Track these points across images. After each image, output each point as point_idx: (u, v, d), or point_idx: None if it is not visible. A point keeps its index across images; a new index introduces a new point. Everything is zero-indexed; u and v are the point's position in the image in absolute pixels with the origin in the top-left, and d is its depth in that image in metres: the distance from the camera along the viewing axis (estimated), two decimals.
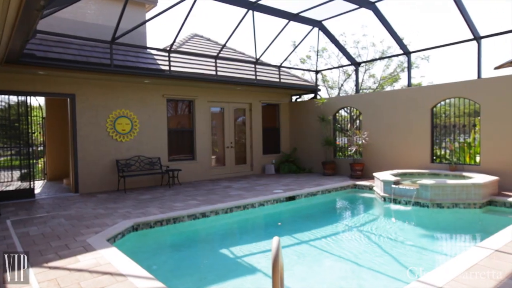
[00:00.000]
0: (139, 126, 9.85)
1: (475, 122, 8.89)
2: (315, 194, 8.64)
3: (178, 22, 10.01)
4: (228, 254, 5.25)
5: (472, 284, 3.17)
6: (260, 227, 7.17)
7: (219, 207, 6.94)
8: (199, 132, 11.12)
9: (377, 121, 10.52)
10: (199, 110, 11.11)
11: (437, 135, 9.44)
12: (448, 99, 9.16)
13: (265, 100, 12.79)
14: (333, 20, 10.79)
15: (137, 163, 9.69)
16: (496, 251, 4.02)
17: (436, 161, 9.34)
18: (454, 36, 15.56)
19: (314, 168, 12.32)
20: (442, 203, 6.99)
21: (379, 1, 9.25)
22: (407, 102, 9.78)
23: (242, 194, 8.26)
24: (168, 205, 7.17)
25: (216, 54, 10.75)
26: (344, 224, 7.05)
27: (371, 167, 10.41)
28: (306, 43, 24.38)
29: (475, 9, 18.62)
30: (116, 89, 9.49)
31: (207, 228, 6.59)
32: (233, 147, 12.10)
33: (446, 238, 5.97)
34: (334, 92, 21.77)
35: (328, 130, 11.85)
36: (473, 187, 6.93)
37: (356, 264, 4.71)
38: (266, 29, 12.87)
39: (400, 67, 20.12)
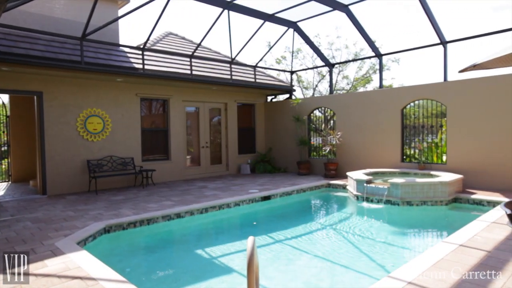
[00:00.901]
0: (111, 125, 9.59)
1: (442, 123, 9.29)
2: (290, 194, 8.73)
3: (152, 19, 9.81)
4: (204, 254, 5.21)
5: (438, 278, 3.30)
6: (235, 227, 7.16)
7: (194, 208, 6.87)
8: (174, 132, 10.96)
9: (350, 122, 10.76)
10: (173, 109, 10.96)
11: (407, 135, 9.78)
12: (417, 101, 9.51)
13: (240, 100, 12.79)
14: (308, 21, 10.94)
15: (109, 163, 9.43)
16: (460, 245, 4.22)
17: (406, 161, 9.68)
18: (423, 40, 16.22)
19: (289, 168, 12.45)
20: (412, 201, 7.25)
21: (352, 4, 9.47)
22: (379, 103, 10.07)
23: (217, 194, 8.22)
24: (142, 206, 7.03)
25: (191, 53, 10.64)
26: (319, 222, 7.16)
27: (344, 167, 10.64)
28: (282, 43, 24.63)
29: (442, 15, 19.43)
30: (87, 87, 9.19)
31: (182, 229, 6.51)
32: (209, 147, 12.02)
33: (415, 235, 6.20)
34: (309, 93, 22.08)
35: (303, 130, 12.00)
36: (440, 185, 7.24)
37: (330, 262, 4.80)
38: (242, 29, 12.88)
39: (372, 69, 20.69)
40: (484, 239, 4.43)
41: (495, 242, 4.33)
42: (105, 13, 9.86)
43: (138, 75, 9.13)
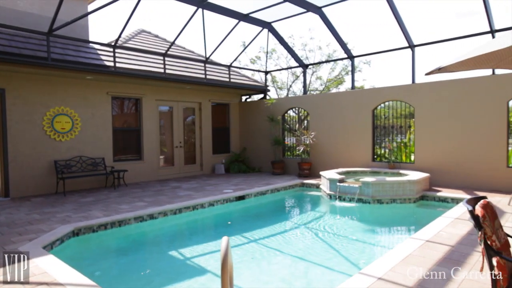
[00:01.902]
0: (80, 124, 9.27)
1: (410, 123, 9.64)
2: (265, 193, 8.78)
3: (123, 16, 9.54)
4: (177, 256, 5.15)
5: (406, 273, 3.43)
6: (210, 228, 7.11)
7: (168, 208, 6.77)
8: (147, 132, 10.74)
9: (323, 122, 10.96)
10: (146, 108, 10.73)
11: (377, 135, 10.07)
12: (387, 102, 9.82)
13: (215, 100, 12.71)
14: (282, 22, 11.04)
15: (78, 163, 9.11)
16: (427, 241, 4.40)
17: (377, 160, 9.97)
18: (393, 43, 16.79)
19: (264, 168, 12.51)
20: (382, 199, 7.48)
21: (326, 6, 9.64)
22: (351, 104, 10.31)
23: (191, 194, 8.13)
24: (113, 207, 6.84)
25: (164, 51, 10.46)
26: (293, 222, 7.24)
27: (318, 166, 10.82)
28: (256, 43, 24.68)
29: (410, 20, 20.17)
30: (54, 85, 8.83)
31: (155, 230, 6.39)
32: (182, 146, 11.87)
33: (385, 232, 6.40)
34: (283, 93, 22.28)
35: (277, 130, 12.10)
36: (408, 184, 7.51)
37: (304, 260, 4.86)
38: (217, 29, 12.80)
39: (344, 70, 21.14)
40: (448, 235, 4.65)
41: (458, 237, 4.55)
42: (73, 8, 9.51)
43: (109, 73, 8.88)
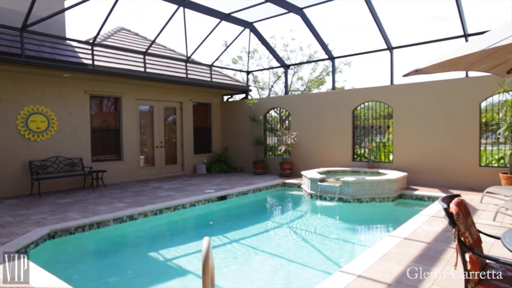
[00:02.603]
0: (57, 124, 9.01)
1: (389, 124, 9.86)
2: (246, 193, 8.78)
3: (102, 13, 9.33)
4: (158, 257, 5.08)
5: (385, 270, 3.51)
6: (191, 228, 7.06)
7: (148, 209, 6.67)
8: (127, 131, 10.55)
9: (304, 122, 11.06)
10: (126, 108, 10.54)
11: (357, 135, 10.26)
12: (367, 102, 10.01)
13: (196, 99, 12.62)
14: (264, 22, 11.07)
15: (54, 164, 8.85)
16: (404, 239, 4.52)
17: (357, 160, 10.15)
18: (373, 45, 17.15)
19: (245, 168, 12.51)
20: (362, 198, 7.62)
21: (307, 7, 9.74)
22: (332, 104, 10.45)
23: (172, 194, 8.04)
24: (91, 208, 6.68)
25: (145, 50, 10.31)
26: (274, 221, 7.28)
27: (299, 166, 10.91)
28: (238, 43, 24.64)
29: (389, 23, 20.64)
30: (28, 83, 8.55)
31: (135, 232, 6.29)
32: (163, 146, 11.72)
33: (365, 230, 6.53)
34: (265, 93, 22.35)
35: (259, 130, 12.12)
36: (387, 183, 7.68)
37: (286, 259, 4.90)
38: (198, 28, 12.71)
39: (325, 71, 21.41)
40: (425, 232, 4.79)
41: (434, 234, 4.69)
42: (49, 3, 9.24)
43: (87, 71, 8.67)
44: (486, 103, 8.10)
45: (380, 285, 3.19)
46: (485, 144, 8.33)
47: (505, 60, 3.08)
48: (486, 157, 8.52)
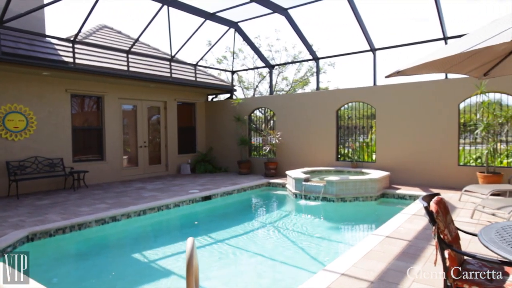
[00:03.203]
0: (36, 123, 8.77)
1: (372, 124, 10.03)
2: (231, 193, 8.77)
3: (84, 10, 9.07)
4: (141, 258, 5.02)
5: (367, 268, 3.57)
6: (175, 229, 7.00)
7: (131, 210, 6.57)
8: (109, 131, 10.37)
9: (289, 122, 11.12)
10: (109, 107, 10.36)
11: (341, 135, 10.38)
12: (351, 103, 10.15)
13: (180, 99, 12.51)
14: (248, 22, 11.07)
15: (33, 164, 8.61)
16: (387, 237, 4.60)
17: (341, 159, 10.27)
18: (357, 46, 17.40)
19: (230, 168, 12.48)
20: (345, 197, 7.72)
21: (292, 8, 9.79)
22: (316, 104, 10.55)
23: (156, 195, 7.95)
24: (72, 210, 6.54)
25: (128, 48, 10.16)
26: (259, 221, 7.29)
27: (284, 166, 10.96)
28: (223, 43, 24.54)
29: (372, 25, 20.97)
30: (5, 81, 8.29)
31: (118, 233, 6.18)
32: (147, 146, 11.58)
33: (348, 229, 6.62)
34: (250, 93, 22.35)
35: (243, 130, 12.12)
36: (370, 182, 7.81)
37: (270, 259, 4.92)
38: (183, 27, 12.61)
39: (310, 71, 21.58)
40: (406, 230, 4.89)
41: (415, 232, 4.80)
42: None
43: (68, 70, 8.47)
44: (464, 104, 8.34)
45: (363, 283, 3.24)
46: (463, 144, 8.58)
47: (482, 63, 3.18)
48: (465, 156, 8.76)
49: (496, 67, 3.19)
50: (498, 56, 3.09)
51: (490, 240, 2.07)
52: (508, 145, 8.17)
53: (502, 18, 2.42)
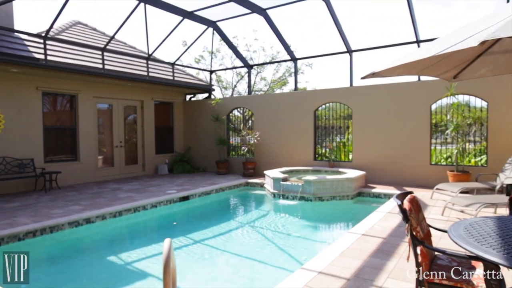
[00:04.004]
0: (3, 122, 8.40)
1: (349, 124, 10.23)
2: (209, 193, 8.72)
3: (56, 5, 8.72)
4: (117, 261, 4.91)
5: (344, 265, 3.64)
6: (152, 230, 6.89)
7: (107, 211, 6.42)
8: (84, 130, 10.07)
9: (267, 122, 11.18)
10: (83, 106, 10.06)
11: (319, 135, 10.53)
12: (328, 103, 10.31)
13: (158, 98, 12.32)
14: (227, 22, 11.04)
15: (1, 165, 8.25)
16: (362, 235, 4.71)
17: (318, 159, 10.42)
18: (334, 47, 17.73)
19: (208, 168, 12.41)
20: (323, 196, 7.84)
21: (270, 8, 9.84)
22: (294, 104, 10.65)
23: (132, 196, 7.80)
24: (44, 212, 6.31)
25: (103, 45, 9.90)
26: (237, 221, 7.29)
27: (262, 166, 11.00)
28: (201, 42, 24.36)
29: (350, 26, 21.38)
30: None
31: (92, 235, 6.02)
32: (123, 146, 11.32)
33: (326, 228, 6.72)
34: (228, 93, 22.30)
35: (222, 129, 12.07)
36: (347, 181, 7.96)
37: (248, 259, 4.93)
38: (160, 25, 12.41)
39: (288, 71, 21.76)
40: (381, 228, 5.02)
41: (389, 229, 4.94)
42: None
43: (38, 67, 8.17)
44: (436, 105, 8.65)
45: (340, 280, 3.30)
46: (435, 144, 8.89)
47: (452, 67, 3.31)
48: (436, 156, 9.09)
49: (465, 70, 3.33)
50: (466, 60, 3.22)
51: (458, 236, 2.16)
52: (476, 145, 8.54)
53: (470, 23, 2.52)
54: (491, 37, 1.63)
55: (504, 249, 1.92)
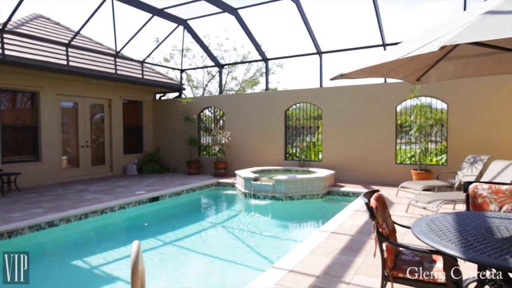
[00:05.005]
0: None
1: (319, 124, 10.43)
2: (180, 194, 8.60)
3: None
4: (82, 265, 4.73)
5: (314, 263, 3.71)
6: (121, 232, 6.70)
7: (71, 214, 6.17)
8: (46, 129, 9.61)
9: (238, 121, 11.17)
10: (45, 104, 9.60)
11: (289, 135, 10.66)
12: (298, 104, 10.46)
13: (126, 97, 11.99)
14: (198, 20, 10.92)
15: None
16: (332, 233, 4.82)
17: (289, 159, 10.54)
18: (305, 48, 18.02)
19: (179, 168, 12.23)
20: (293, 195, 7.94)
21: (241, 8, 9.84)
22: (265, 104, 10.72)
23: (99, 197, 7.54)
24: (2, 216, 5.96)
25: (68, 41, 9.49)
26: (209, 221, 7.24)
27: (233, 165, 10.99)
28: (171, 40, 23.95)
29: (320, 28, 21.81)
30: None
31: (55, 239, 5.76)
32: (89, 146, 10.92)
33: (296, 226, 6.82)
34: (199, 92, 22.07)
35: (192, 129, 11.94)
36: (317, 180, 8.12)
37: (220, 259, 4.91)
38: (129, 22, 12.09)
39: (259, 72, 21.83)
40: (349, 225, 5.16)
41: (357, 227, 5.08)
42: None
43: None
44: (400, 107, 9.00)
45: (310, 278, 3.36)
46: (400, 143, 9.25)
47: (415, 70, 3.46)
48: (401, 155, 9.46)
49: (426, 73, 3.50)
50: (427, 64, 3.38)
51: (421, 231, 2.27)
52: (437, 145, 8.98)
53: (431, 29, 2.65)
54: (450, 42, 1.72)
55: (461, 243, 2.04)
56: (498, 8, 1.92)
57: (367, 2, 8.39)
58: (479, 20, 1.84)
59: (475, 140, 7.86)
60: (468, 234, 2.19)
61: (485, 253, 1.88)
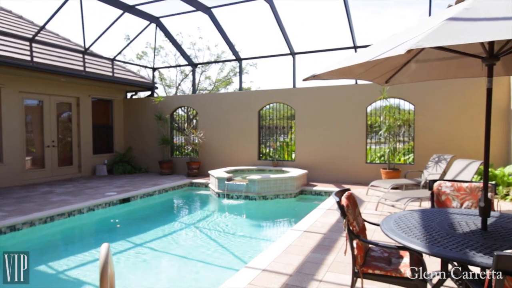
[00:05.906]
0: None
1: (292, 124, 10.55)
2: (152, 194, 8.43)
3: None
4: (48, 270, 4.53)
5: (287, 262, 3.75)
6: (90, 235, 6.48)
7: (36, 217, 5.90)
8: (7, 129, 9.13)
9: (212, 121, 11.10)
10: (7, 101, 9.12)
11: (263, 135, 10.71)
12: (272, 104, 10.53)
13: (96, 95, 11.60)
14: (171, 18, 10.76)
15: None
16: (304, 231, 4.89)
17: (262, 158, 10.60)
18: (279, 48, 18.17)
19: (151, 168, 11.99)
20: (267, 195, 7.99)
21: (215, 7, 9.78)
22: (239, 104, 10.71)
23: (67, 199, 7.26)
24: None
25: (32, 36, 9.06)
26: (181, 222, 7.15)
27: (207, 165, 10.90)
28: (143, 38, 23.44)
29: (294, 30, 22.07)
30: None
31: (18, 244, 5.49)
32: (56, 146, 10.48)
33: (270, 226, 6.86)
34: (172, 91, 21.73)
35: (165, 129, 11.74)
36: (290, 180, 8.21)
37: (193, 260, 4.86)
38: (99, 18, 11.71)
39: (233, 71, 21.79)
40: (321, 224, 5.26)
41: (329, 225, 5.19)
42: None
43: None
44: (371, 108, 9.27)
45: (282, 276, 3.40)
46: (370, 143, 9.53)
47: (384, 72, 3.57)
48: (371, 155, 9.75)
49: (394, 76, 3.62)
50: (395, 67, 3.50)
51: (389, 228, 2.35)
52: (405, 145, 9.32)
53: (399, 33, 2.75)
54: (416, 46, 1.79)
55: (426, 239, 2.13)
56: (459, 15, 2.03)
57: (339, 5, 8.58)
58: (442, 25, 1.93)
59: (439, 140, 8.23)
60: (433, 230, 2.29)
61: (447, 247, 1.98)
